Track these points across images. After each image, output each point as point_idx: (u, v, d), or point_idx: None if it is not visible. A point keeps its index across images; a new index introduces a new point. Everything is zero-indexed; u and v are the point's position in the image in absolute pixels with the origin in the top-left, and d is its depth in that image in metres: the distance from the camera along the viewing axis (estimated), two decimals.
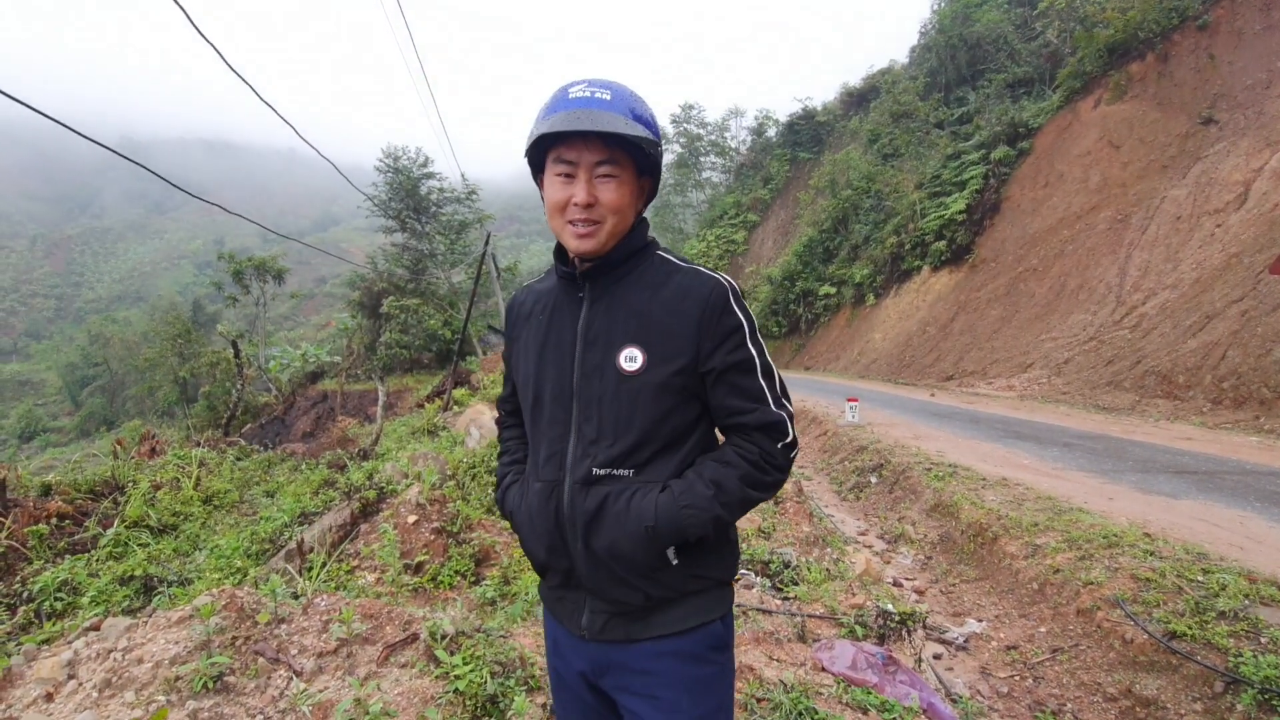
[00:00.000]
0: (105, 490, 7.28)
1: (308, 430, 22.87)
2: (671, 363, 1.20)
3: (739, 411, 1.23)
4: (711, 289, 1.21)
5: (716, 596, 1.29)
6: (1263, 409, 9.03)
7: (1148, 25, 17.94)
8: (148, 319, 56.41)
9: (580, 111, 1.18)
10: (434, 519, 3.90)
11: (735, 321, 1.22)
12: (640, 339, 1.22)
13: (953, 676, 3.52)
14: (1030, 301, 17.12)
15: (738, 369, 1.22)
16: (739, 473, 1.21)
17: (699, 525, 1.19)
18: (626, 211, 1.24)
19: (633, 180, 1.24)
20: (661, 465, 1.24)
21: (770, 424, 1.23)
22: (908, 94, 29.98)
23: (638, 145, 1.18)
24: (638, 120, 1.20)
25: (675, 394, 1.21)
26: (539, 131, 1.18)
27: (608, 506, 1.22)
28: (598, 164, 1.20)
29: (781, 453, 1.24)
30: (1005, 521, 4.97)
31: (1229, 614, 3.27)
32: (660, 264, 1.28)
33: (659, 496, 1.20)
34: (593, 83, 1.22)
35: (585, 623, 1.28)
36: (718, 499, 1.19)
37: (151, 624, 2.02)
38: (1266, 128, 13.91)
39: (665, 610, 1.25)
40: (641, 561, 1.21)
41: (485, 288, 25.98)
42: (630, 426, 1.21)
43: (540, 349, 1.33)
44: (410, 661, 2.00)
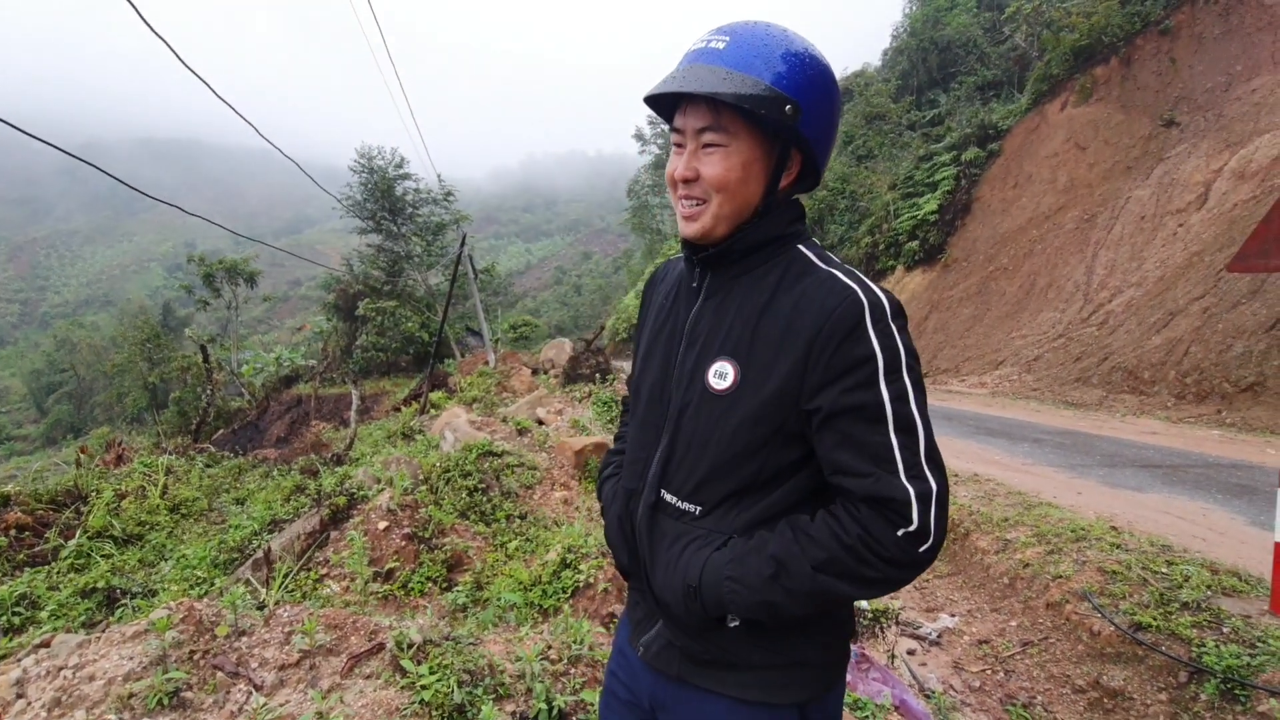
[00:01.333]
0: (67, 500, 7.08)
1: (282, 435, 22.45)
2: (765, 392, 0.96)
3: (848, 472, 0.93)
4: (841, 303, 0.93)
5: (799, 677, 1.02)
6: (1224, 403, 9.28)
7: (1111, 30, 18.37)
8: (116, 324, 55.12)
9: (685, 68, 0.98)
10: (405, 525, 3.84)
11: (865, 350, 0.91)
12: (737, 353, 0.99)
13: (926, 672, 3.55)
14: (1001, 300, 17.43)
15: (855, 415, 0.91)
16: (820, 556, 0.92)
17: (742, 607, 0.95)
18: (737, 189, 0.99)
19: (750, 149, 0.98)
20: (736, 512, 1.01)
21: (886, 500, 0.90)
22: (880, 96, 30.41)
23: (759, 110, 0.93)
24: (764, 74, 0.94)
25: (766, 431, 0.97)
26: (647, 94, 1.00)
27: (664, 546, 1.05)
28: (700, 130, 0.99)
29: (899, 544, 0.90)
30: (977, 517, 5.04)
31: (1192, 605, 3.34)
32: (797, 261, 1.02)
33: (713, 554, 0.98)
34: (720, 29, 1.00)
35: (646, 639, 1.11)
36: (776, 582, 0.93)
37: (104, 640, 1.95)
38: (1226, 129, 14.32)
39: (725, 670, 1.03)
40: (685, 621, 1.02)
41: (463, 289, 25.75)
42: (703, 455, 1.01)
43: (654, 338, 1.15)
44: (375, 672, 1.96)
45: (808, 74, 0.96)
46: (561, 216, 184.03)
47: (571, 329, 53.94)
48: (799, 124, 0.96)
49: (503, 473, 5.11)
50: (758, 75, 0.94)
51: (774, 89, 0.93)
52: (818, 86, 0.98)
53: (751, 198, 1.01)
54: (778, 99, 0.93)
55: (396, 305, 27.65)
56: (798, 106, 0.94)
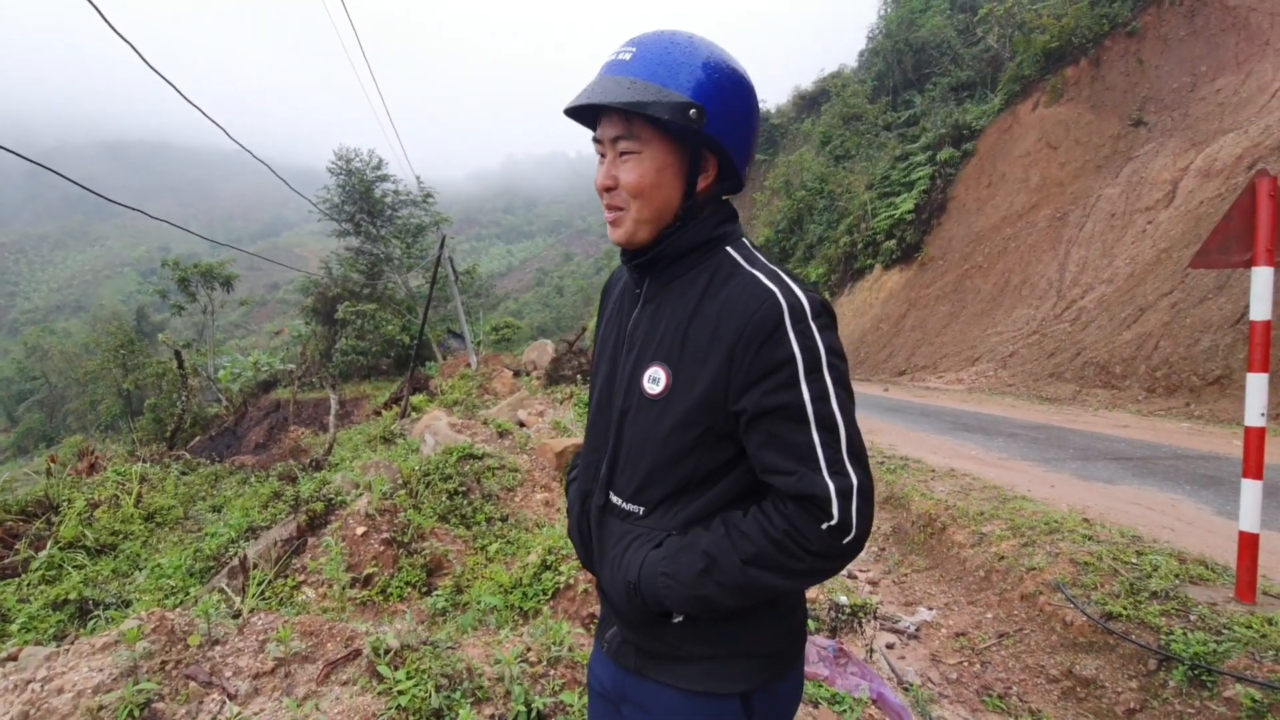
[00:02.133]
0: (38, 510, 6.93)
1: (260, 441, 22.14)
2: (693, 395, 0.98)
3: (775, 471, 0.96)
4: (760, 306, 0.95)
5: (741, 668, 1.04)
6: (1192, 396, 9.51)
7: (1081, 31, 18.74)
8: (88, 330, 53.94)
9: (598, 81, 1.00)
10: (384, 529, 3.81)
11: (785, 353, 0.93)
12: (669, 358, 1.02)
13: (904, 665, 3.60)
14: (977, 297, 17.69)
15: (778, 415, 0.94)
16: (750, 550, 0.95)
17: (677, 602, 0.98)
18: (653, 193, 1.01)
19: (662, 154, 1.00)
20: (675, 511, 1.04)
21: (809, 496, 0.92)
22: (857, 97, 30.74)
23: (660, 116, 0.95)
24: (668, 82, 0.96)
25: (696, 434, 0.99)
26: (565, 108, 1.03)
27: (610, 546, 1.09)
28: (615, 139, 1.02)
29: (823, 537, 0.93)
30: (953, 511, 5.11)
31: (1161, 594, 3.42)
32: (724, 264, 1.04)
33: (650, 552, 1.02)
34: (629, 42, 1.02)
35: (609, 635, 1.16)
36: (709, 576, 0.96)
37: (74, 651, 1.92)
38: (1192, 129, 14.67)
39: (674, 662, 1.06)
40: (630, 616, 1.06)
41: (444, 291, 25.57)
42: (641, 458, 1.04)
43: (603, 343, 1.19)
44: (352, 679, 1.95)
45: (713, 79, 0.98)
46: (543, 218, 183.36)
47: (553, 330, 53.75)
48: (706, 127, 0.97)
49: (484, 475, 5.09)
50: (661, 83, 0.96)
51: (678, 95, 0.96)
52: (724, 90, 0.99)
53: (669, 201, 1.03)
54: (681, 104, 0.95)
55: (376, 308, 27.38)
56: (702, 110, 0.96)
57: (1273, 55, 14.15)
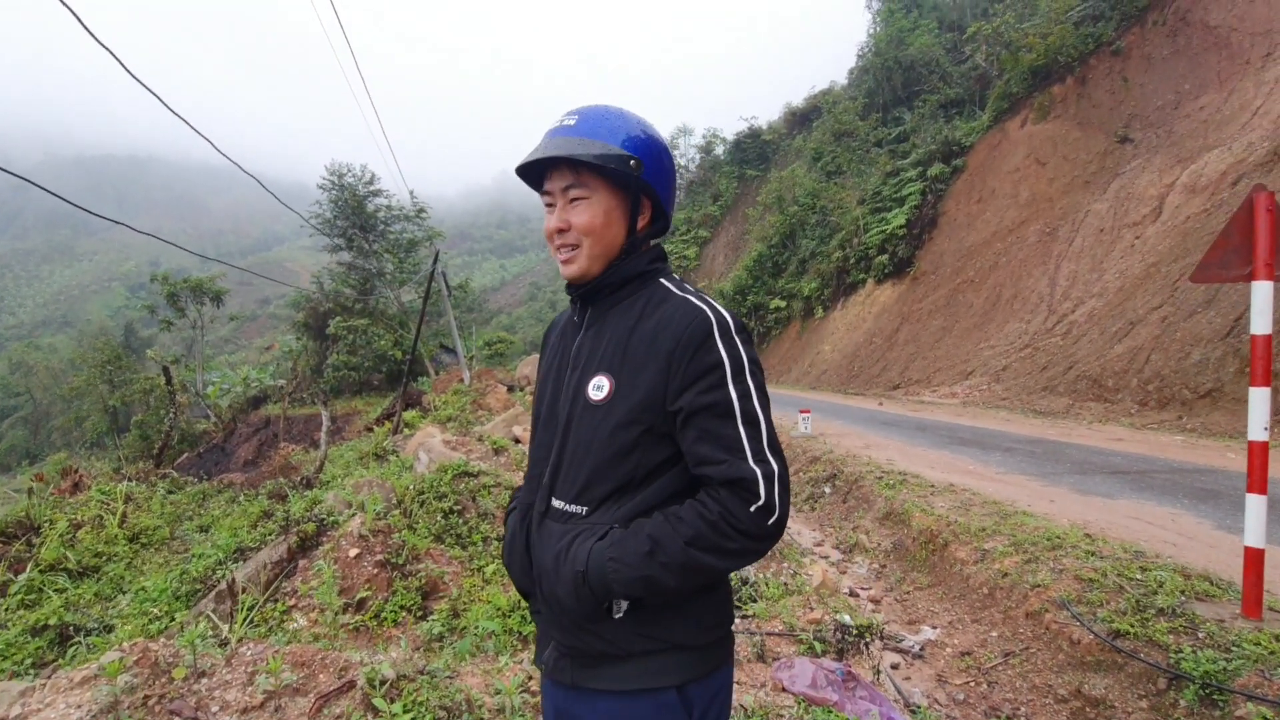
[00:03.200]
0: (18, 531, 6.76)
1: (249, 458, 21.85)
2: (634, 397, 1.12)
3: (707, 461, 1.09)
4: (692, 320, 1.12)
5: (676, 661, 1.14)
6: (1184, 409, 9.54)
7: (1067, 50, 19.06)
8: (75, 345, 53.31)
9: (545, 141, 1.20)
10: (377, 551, 3.71)
11: (714, 358, 1.09)
12: (612, 368, 1.16)
13: (910, 686, 3.53)
14: (969, 311, 17.79)
15: (710, 412, 1.09)
16: (689, 532, 1.06)
17: (624, 584, 1.07)
18: (602, 232, 1.19)
19: (608, 200, 1.19)
20: (615, 508, 1.14)
21: (738, 480, 1.06)
22: (848, 114, 31.07)
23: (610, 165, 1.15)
24: (610, 139, 1.17)
25: (637, 432, 1.12)
26: (518, 166, 1.22)
27: (553, 544, 1.16)
28: (566, 188, 1.20)
29: (752, 518, 1.06)
30: (954, 527, 5.06)
31: (1167, 610, 3.37)
32: (657, 292, 1.22)
33: (595, 543, 1.10)
34: (570, 112, 1.23)
35: (546, 655, 1.22)
36: (653, 557, 1.06)
37: (50, 686, 1.82)
38: (1177, 145, 14.88)
39: (610, 663, 1.14)
40: (576, 610, 1.12)
41: (436, 306, 25.48)
42: (585, 459, 1.15)
43: (547, 372, 1.33)
44: (346, 712, 1.86)
45: (642, 139, 1.20)
46: (536, 233, 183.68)
47: None
48: (644, 175, 1.18)
49: (479, 493, 4.99)
50: (604, 140, 1.16)
51: (618, 149, 1.16)
52: (654, 147, 1.21)
53: (616, 238, 1.21)
54: (623, 156, 1.16)
55: (368, 323, 27.24)
56: (640, 161, 1.17)
57: (1254, 74, 14.42)
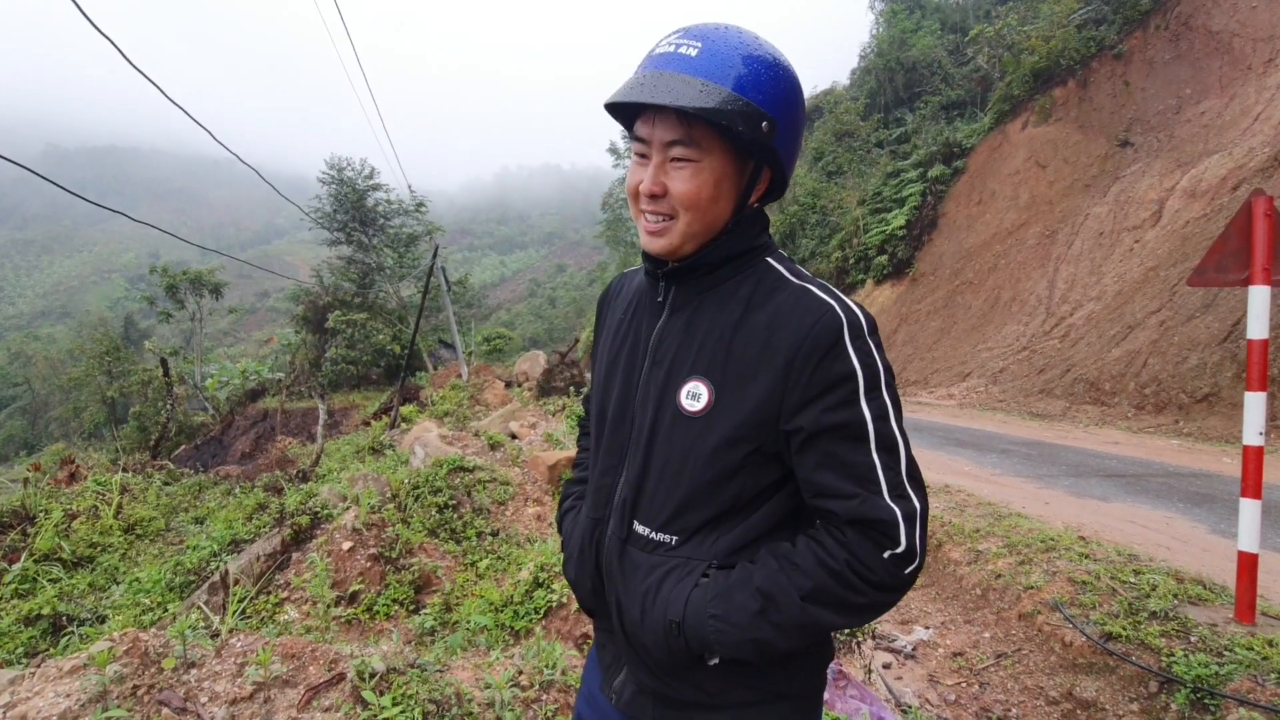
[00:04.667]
0: (13, 521, 6.75)
1: (246, 451, 21.85)
2: (743, 411, 0.91)
3: (832, 494, 0.89)
4: (819, 319, 0.89)
5: (782, 711, 0.98)
6: (1181, 413, 9.55)
7: (1069, 53, 19.05)
8: (74, 336, 53.28)
9: (652, 74, 0.90)
10: (371, 545, 3.71)
11: (846, 368, 0.88)
12: (711, 372, 0.94)
13: (902, 686, 3.54)
14: (967, 313, 17.80)
15: (838, 434, 0.88)
16: (808, 586, 0.87)
17: (729, 646, 0.89)
18: (708, 206, 0.94)
19: (722, 165, 0.93)
20: (713, 539, 0.95)
21: (874, 521, 0.87)
22: (849, 114, 31.05)
23: (736, 125, 0.87)
24: (740, 87, 0.88)
25: (744, 453, 0.92)
26: (608, 101, 0.93)
27: (637, 580, 0.97)
28: (669, 144, 0.92)
29: (886, 567, 0.87)
30: (949, 528, 5.07)
31: (1160, 614, 3.38)
32: (768, 275, 0.98)
33: (693, 590, 0.92)
34: (687, 32, 0.92)
35: (617, 685, 1.05)
36: (764, 617, 0.88)
37: (40, 675, 1.82)
38: (1177, 150, 14.89)
39: (704, 711, 0.98)
40: (663, 660, 0.95)
41: (435, 301, 25.47)
42: (678, 481, 0.95)
43: (614, 356, 1.09)
44: (335, 704, 1.86)
45: (781, 87, 0.91)
46: (536, 229, 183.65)
47: (546, 341, 53.67)
48: (774, 139, 0.91)
49: (474, 489, 4.99)
50: (735, 89, 0.87)
51: (751, 103, 0.88)
52: (792, 101, 0.93)
53: (721, 215, 0.96)
54: (755, 114, 0.88)
55: (367, 317, 27.23)
56: (774, 122, 0.90)
57: (1255, 79, 14.42)
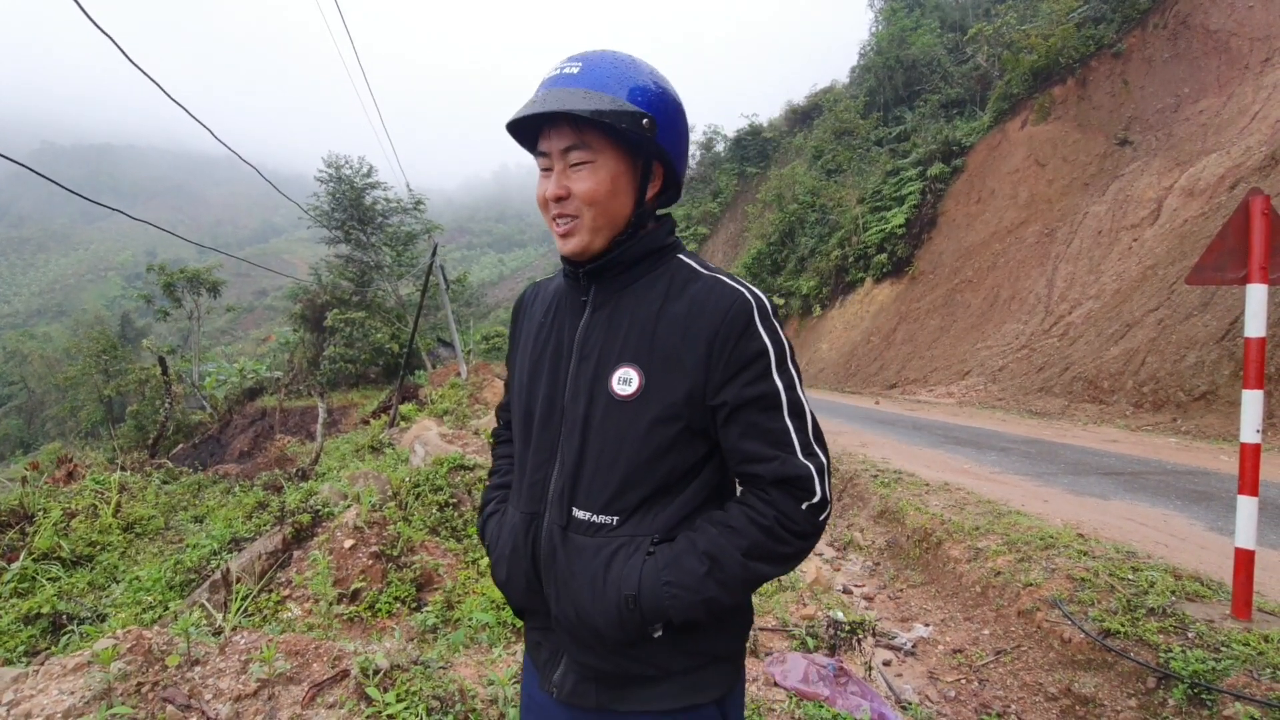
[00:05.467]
0: (12, 520, 6.75)
1: (245, 450, 21.83)
2: (672, 391, 1.00)
3: (756, 459, 1.00)
4: (733, 304, 1.00)
5: (715, 674, 1.07)
6: (1179, 411, 9.58)
7: (1068, 51, 19.07)
8: (70, 334, 53.18)
9: (543, 94, 1.00)
10: (372, 542, 3.72)
11: (759, 345, 1.00)
12: (639, 358, 1.02)
13: (902, 683, 3.55)
14: (966, 312, 17.83)
15: (757, 405, 1.00)
16: (745, 543, 0.98)
17: (683, 608, 0.97)
18: (608, 201, 1.03)
19: (615, 165, 1.02)
20: (652, 516, 1.03)
21: (793, 478, 0.99)
22: (849, 112, 31.05)
23: (619, 125, 0.97)
24: (619, 92, 0.99)
25: (675, 430, 1.01)
26: (508, 122, 1.03)
27: (583, 563, 1.02)
28: (566, 150, 1.02)
29: (806, 516, 0.99)
30: (948, 526, 5.08)
31: (1158, 610, 3.39)
32: (680, 270, 1.08)
33: (645, 562, 0.99)
34: (570, 58, 1.04)
35: (557, 678, 1.09)
36: (712, 577, 0.97)
37: (43, 673, 1.82)
38: (1176, 149, 14.91)
39: (645, 685, 1.04)
40: (617, 637, 1.00)
41: (434, 300, 25.45)
42: (615, 463, 1.02)
43: (537, 357, 1.15)
44: (339, 701, 1.87)
45: (656, 92, 1.03)
46: (535, 227, 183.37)
47: None
48: (657, 136, 1.01)
49: (475, 487, 5.00)
50: (614, 93, 0.99)
51: (630, 105, 0.99)
52: (668, 103, 1.04)
53: (623, 209, 1.05)
54: (636, 113, 0.98)
55: (366, 316, 27.19)
56: (654, 120, 1.00)
57: (1252, 79, 14.44)
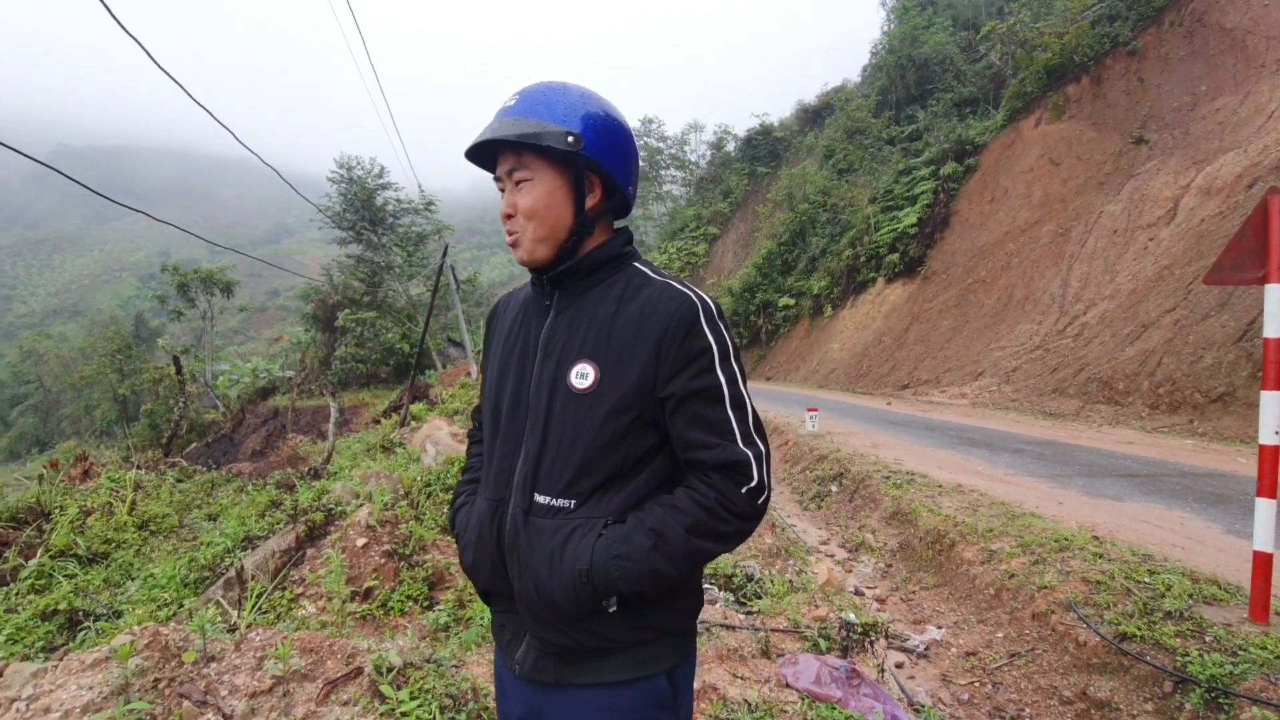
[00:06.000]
0: (29, 518, 6.82)
1: (257, 449, 22.01)
2: (624, 384, 1.11)
3: (699, 446, 1.11)
4: (679, 305, 1.11)
5: (666, 647, 1.16)
6: (1196, 413, 9.46)
7: (1082, 49, 18.87)
8: (85, 334, 53.82)
9: (491, 125, 1.16)
10: (385, 541, 3.73)
11: (703, 343, 1.10)
12: (595, 355, 1.13)
13: (915, 685, 3.52)
14: (980, 312, 17.68)
15: (701, 397, 1.10)
16: (688, 521, 1.08)
17: (631, 579, 1.06)
18: (545, 214, 1.15)
19: (551, 180, 1.15)
20: (606, 500, 1.12)
21: (732, 463, 1.09)
22: (860, 111, 30.89)
23: (544, 144, 1.11)
24: (547, 116, 1.12)
25: (628, 420, 1.11)
26: (465, 150, 1.19)
27: (542, 542, 1.11)
28: (510, 172, 1.16)
29: (745, 499, 1.10)
30: (962, 528, 5.04)
31: (1175, 614, 3.35)
32: (635, 276, 1.19)
33: (597, 540, 1.09)
34: (515, 92, 1.19)
35: (519, 655, 1.18)
36: (657, 550, 1.06)
37: (62, 668, 1.84)
38: (1192, 147, 14.72)
39: (600, 657, 1.13)
40: (572, 609, 1.09)
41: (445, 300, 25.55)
42: (573, 450, 1.12)
43: (505, 358, 1.27)
44: (353, 698, 1.88)
45: (585, 111, 1.15)
46: None
47: None
48: (585, 150, 1.12)
49: None
50: (540, 118, 1.12)
51: (557, 126, 1.11)
52: (598, 119, 1.15)
53: (562, 220, 1.16)
54: (558, 132, 1.11)
55: (376, 316, 27.36)
56: (579, 136, 1.12)
57: (1269, 76, 14.24)
